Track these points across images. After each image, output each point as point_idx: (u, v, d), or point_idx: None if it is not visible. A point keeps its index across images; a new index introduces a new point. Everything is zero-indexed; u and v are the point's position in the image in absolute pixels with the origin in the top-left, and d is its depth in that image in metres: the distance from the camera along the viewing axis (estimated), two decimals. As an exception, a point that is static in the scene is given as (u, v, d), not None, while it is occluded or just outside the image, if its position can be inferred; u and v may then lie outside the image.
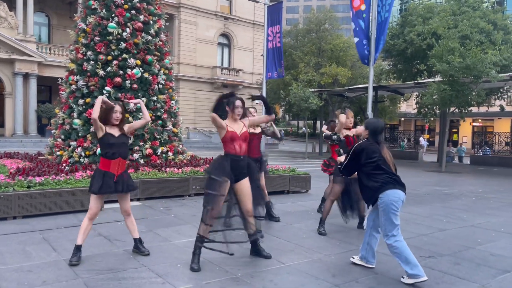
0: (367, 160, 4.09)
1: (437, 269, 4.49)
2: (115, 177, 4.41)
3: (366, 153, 4.10)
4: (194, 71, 33.20)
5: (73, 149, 8.91)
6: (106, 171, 4.39)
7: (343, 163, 4.33)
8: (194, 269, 4.16)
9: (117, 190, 4.45)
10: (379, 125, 4.24)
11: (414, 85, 20.36)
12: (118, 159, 4.44)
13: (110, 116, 4.44)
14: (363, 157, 4.11)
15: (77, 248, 4.32)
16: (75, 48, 9.54)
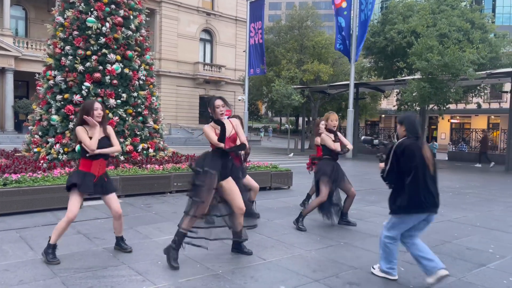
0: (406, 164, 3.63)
1: (415, 263, 4.56)
2: (96, 178, 4.32)
3: (407, 155, 3.62)
4: (176, 67, 32.95)
5: (51, 146, 8.74)
6: (86, 172, 4.29)
7: (385, 169, 3.77)
8: (174, 267, 4.10)
9: (97, 191, 4.36)
10: (415, 117, 3.84)
11: (394, 82, 20.66)
12: (100, 160, 4.36)
13: (91, 115, 4.33)
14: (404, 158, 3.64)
15: (52, 247, 4.23)
16: (53, 42, 9.34)
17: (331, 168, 5.85)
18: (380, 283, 3.95)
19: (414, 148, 3.63)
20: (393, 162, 3.67)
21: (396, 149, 3.67)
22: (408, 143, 3.66)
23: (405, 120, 3.76)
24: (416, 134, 3.70)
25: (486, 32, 21.15)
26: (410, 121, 3.75)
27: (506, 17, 60.65)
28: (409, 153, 3.62)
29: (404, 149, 3.62)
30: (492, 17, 26.50)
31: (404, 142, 3.68)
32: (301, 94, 24.04)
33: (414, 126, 3.72)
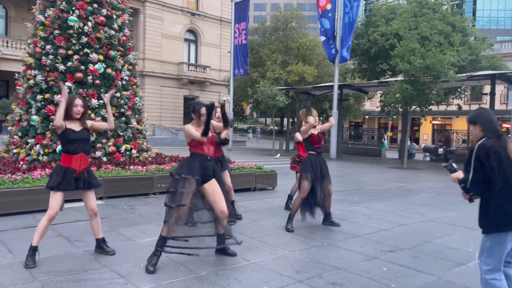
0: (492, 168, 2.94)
1: (397, 263, 4.63)
2: (77, 172, 4.24)
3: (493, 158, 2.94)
4: (160, 67, 32.70)
5: (31, 147, 8.57)
6: (67, 167, 4.22)
7: (469, 178, 3.05)
8: (150, 270, 4.02)
9: (78, 187, 4.28)
10: (490, 113, 3.18)
11: (377, 84, 20.90)
12: (80, 155, 4.28)
13: (71, 110, 4.26)
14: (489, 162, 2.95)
15: (33, 249, 4.15)
16: (33, 41, 9.17)
17: (313, 164, 5.91)
18: (362, 283, 3.98)
19: (499, 149, 2.99)
20: (477, 169, 3.01)
21: (478, 153, 3.01)
22: (492, 144, 3.00)
23: (479, 118, 3.14)
24: (496, 132, 3.07)
25: (467, 35, 21.56)
26: (486, 118, 3.12)
27: (486, 20, 61.95)
28: (495, 155, 2.97)
29: (488, 152, 2.97)
30: (473, 21, 27.00)
31: (485, 143, 3.02)
32: (285, 95, 24.11)
33: (492, 123, 3.10)
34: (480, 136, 3.10)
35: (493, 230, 3.01)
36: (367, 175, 14.36)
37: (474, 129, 3.15)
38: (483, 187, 3.02)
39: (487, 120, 3.10)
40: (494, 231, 3.01)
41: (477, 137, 3.13)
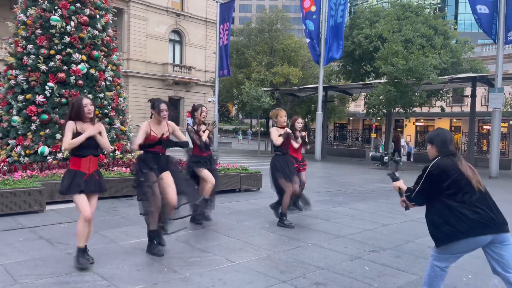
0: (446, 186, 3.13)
1: (379, 263, 4.69)
2: (87, 175, 4.17)
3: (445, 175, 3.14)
4: (145, 68, 32.47)
5: (12, 148, 8.43)
6: (77, 170, 4.15)
7: (415, 188, 3.31)
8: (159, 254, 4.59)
9: (88, 189, 4.17)
10: (446, 135, 3.35)
11: (361, 85, 21.13)
12: (89, 157, 4.20)
13: (82, 112, 4.17)
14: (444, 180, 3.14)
15: (82, 251, 4.14)
16: (14, 41, 9.01)
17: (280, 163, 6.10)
18: (345, 283, 4.02)
19: (452, 168, 3.17)
20: (424, 184, 3.24)
21: (431, 170, 3.21)
22: (445, 164, 3.20)
23: (435, 139, 3.34)
24: (449, 152, 3.26)
25: (449, 39, 21.96)
26: (441, 139, 3.31)
27: (467, 24, 63.17)
28: (448, 175, 3.15)
29: (440, 171, 3.17)
30: (454, 24, 27.55)
31: (440, 161, 3.22)
32: (271, 97, 24.18)
33: (445, 144, 3.28)
34: (435, 156, 3.30)
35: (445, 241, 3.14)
36: (351, 176, 14.50)
37: (431, 149, 3.34)
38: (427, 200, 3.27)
39: (442, 141, 3.29)
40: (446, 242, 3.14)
41: (432, 155, 3.33)
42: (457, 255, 3.20)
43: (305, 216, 7.07)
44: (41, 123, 8.46)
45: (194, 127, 6.02)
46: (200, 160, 5.99)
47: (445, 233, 3.09)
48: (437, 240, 3.19)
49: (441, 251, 3.21)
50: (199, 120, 6.01)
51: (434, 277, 3.26)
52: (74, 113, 4.18)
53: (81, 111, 4.16)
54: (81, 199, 4.11)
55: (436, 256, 3.26)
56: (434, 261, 3.28)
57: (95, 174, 4.27)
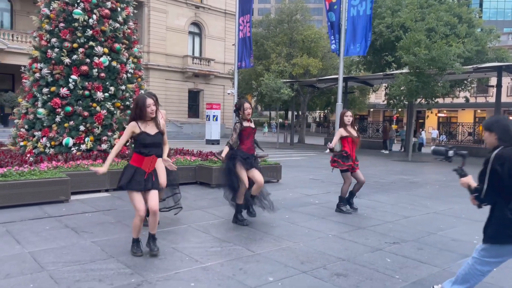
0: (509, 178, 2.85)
1: (401, 255, 4.65)
2: (146, 174, 4.24)
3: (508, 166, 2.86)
4: (165, 60, 32.67)
5: (38, 139, 8.64)
6: (137, 167, 4.22)
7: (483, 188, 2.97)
8: None
9: (147, 187, 4.26)
10: (507, 120, 3.08)
11: (382, 76, 20.78)
12: (152, 157, 4.28)
13: (144, 111, 4.19)
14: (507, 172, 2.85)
15: (136, 241, 4.34)
16: (39, 34, 9.20)
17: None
18: (366, 274, 4.01)
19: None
20: (492, 180, 2.93)
21: (493, 162, 2.93)
22: (509, 153, 2.92)
23: (495, 125, 3.06)
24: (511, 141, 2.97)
25: (473, 27, 21.33)
26: (502, 126, 3.04)
27: (493, 12, 61.30)
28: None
29: (504, 161, 2.89)
30: (479, 12, 26.69)
31: (503, 153, 2.94)
32: (290, 88, 24.04)
33: (508, 131, 2.99)
34: (495, 144, 3.01)
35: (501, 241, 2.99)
36: (372, 167, 14.34)
37: (489, 136, 3.06)
38: (497, 197, 2.97)
39: (503, 128, 3.01)
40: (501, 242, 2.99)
41: (491, 144, 3.04)
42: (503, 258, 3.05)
43: (326, 207, 7.05)
44: (65, 115, 8.64)
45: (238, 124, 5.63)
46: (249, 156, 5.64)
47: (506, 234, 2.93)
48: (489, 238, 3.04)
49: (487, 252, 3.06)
50: (244, 117, 5.63)
51: (471, 277, 3.15)
52: (138, 112, 4.21)
53: (144, 111, 4.19)
54: (138, 197, 4.21)
55: (479, 260, 3.09)
56: (476, 265, 3.11)
57: (153, 173, 4.33)
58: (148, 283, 3.61)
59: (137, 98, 4.36)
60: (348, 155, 6.50)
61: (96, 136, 8.77)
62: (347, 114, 6.58)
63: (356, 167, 6.59)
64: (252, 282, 3.70)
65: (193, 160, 9.27)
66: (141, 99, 4.26)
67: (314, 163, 14.87)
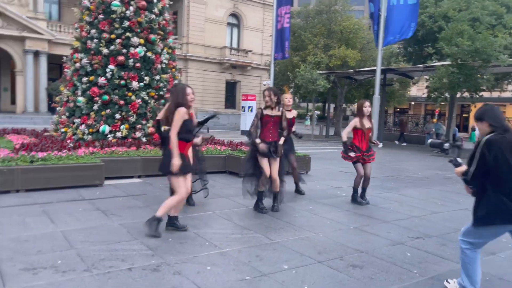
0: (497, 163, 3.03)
1: (422, 249, 4.58)
2: (187, 158, 4.59)
3: (496, 151, 3.03)
4: (203, 51, 33.10)
5: (77, 126, 9.08)
6: (181, 153, 4.48)
7: (471, 171, 3.17)
8: None
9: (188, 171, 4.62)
10: (495, 109, 3.28)
11: (422, 68, 20.09)
12: (191, 142, 4.68)
13: (185, 99, 4.50)
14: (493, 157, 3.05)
15: (157, 220, 4.52)
16: (80, 26, 9.62)
17: None
18: (383, 267, 3.99)
19: (505, 145, 3.06)
20: (479, 163, 3.10)
21: (483, 147, 3.09)
22: (497, 139, 3.07)
23: (486, 115, 3.22)
24: (502, 127, 3.14)
25: (524, 17, 20.18)
26: (492, 114, 3.21)
27: (549, 0, 57.41)
28: (500, 150, 3.04)
29: (492, 147, 3.06)
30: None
31: (492, 138, 3.09)
32: (326, 80, 23.74)
33: (498, 118, 3.18)
34: (488, 132, 3.19)
35: (488, 223, 3.17)
36: (407, 162, 14.00)
37: (482, 125, 3.24)
38: (484, 181, 3.11)
39: (493, 116, 3.20)
40: (488, 223, 3.18)
41: (484, 133, 3.21)
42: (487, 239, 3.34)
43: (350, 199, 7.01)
44: (102, 104, 9.01)
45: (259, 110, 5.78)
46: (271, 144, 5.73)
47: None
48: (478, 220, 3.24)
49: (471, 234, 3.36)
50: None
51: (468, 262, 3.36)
52: (181, 100, 4.47)
53: (185, 99, 4.48)
54: (182, 180, 4.50)
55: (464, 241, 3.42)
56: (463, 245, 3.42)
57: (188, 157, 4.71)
58: (167, 264, 3.77)
59: (178, 87, 4.66)
60: (357, 147, 6.43)
61: (131, 124, 9.11)
62: (366, 105, 6.47)
63: (367, 159, 6.49)
64: (266, 269, 3.78)
65: (223, 149, 9.44)
66: (182, 87, 4.60)
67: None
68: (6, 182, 6.23)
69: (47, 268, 3.57)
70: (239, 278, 3.56)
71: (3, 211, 5.28)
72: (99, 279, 3.39)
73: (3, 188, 6.21)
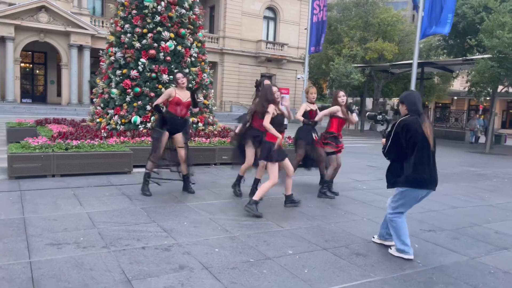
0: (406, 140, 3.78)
1: (431, 242, 4.59)
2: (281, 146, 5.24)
3: (407, 130, 3.77)
4: (239, 45, 33.38)
5: (111, 117, 9.56)
6: (272, 143, 5.14)
7: (386, 145, 3.94)
8: (147, 194, 5.88)
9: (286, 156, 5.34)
10: (415, 95, 3.98)
11: (461, 61, 19.39)
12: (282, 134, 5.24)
13: (274, 97, 5.15)
14: (404, 135, 3.78)
15: (255, 202, 5.13)
16: (115, 21, 10.09)
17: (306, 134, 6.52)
18: (386, 256, 4.06)
19: (415, 125, 3.77)
20: (393, 139, 3.83)
21: (397, 126, 3.82)
22: (409, 120, 3.80)
23: (406, 99, 3.92)
24: (417, 111, 3.84)
25: None
26: (410, 99, 3.91)
27: None
28: (410, 130, 3.76)
29: (404, 126, 3.78)
30: None
31: (405, 119, 3.83)
32: (361, 73, 23.37)
33: (414, 103, 3.86)
34: (405, 114, 3.90)
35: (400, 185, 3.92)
36: (441, 158, 13.60)
37: (402, 107, 3.94)
38: (398, 154, 3.87)
39: (410, 101, 3.89)
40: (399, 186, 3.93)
41: (403, 114, 3.92)
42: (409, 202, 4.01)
43: (371, 193, 7.03)
44: (134, 95, 9.44)
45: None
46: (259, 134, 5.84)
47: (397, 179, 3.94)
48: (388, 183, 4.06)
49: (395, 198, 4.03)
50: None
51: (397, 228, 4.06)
52: (269, 98, 5.15)
53: (274, 97, 5.13)
54: (276, 167, 5.17)
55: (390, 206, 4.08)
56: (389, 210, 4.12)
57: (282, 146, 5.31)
58: (178, 245, 4.02)
59: (266, 86, 5.36)
60: (335, 137, 6.50)
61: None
62: (340, 95, 6.42)
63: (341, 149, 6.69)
64: (271, 253, 3.95)
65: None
66: (269, 87, 5.29)
67: (378, 151, 14.46)
68: (44, 167, 6.74)
69: (70, 244, 3.91)
70: (243, 260, 3.76)
71: (40, 193, 5.74)
72: (114, 255, 3.69)
73: (41, 172, 6.73)
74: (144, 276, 3.30)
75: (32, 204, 5.19)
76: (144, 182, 6.03)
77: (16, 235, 4.07)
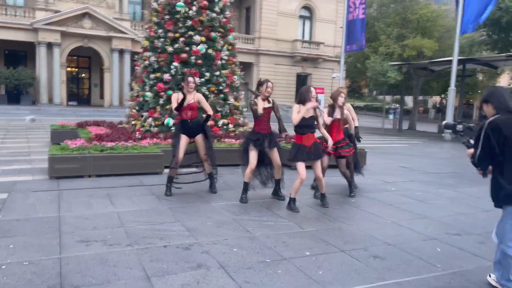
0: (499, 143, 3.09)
1: (456, 246, 4.49)
2: (307, 148, 5.46)
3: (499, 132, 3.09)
4: (275, 45, 33.48)
5: (145, 119, 9.92)
6: (300, 144, 5.48)
7: (476, 154, 3.25)
8: (167, 194, 6.12)
9: (309, 158, 5.52)
10: (502, 91, 3.32)
11: (505, 57, 18.54)
12: (307, 135, 5.49)
13: (309, 97, 5.38)
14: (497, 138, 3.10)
15: (293, 201, 5.59)
16: (149, 26, 10.46)
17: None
18: (404, 259, 4.02)
19: (509, 125, 3.11)
20: (483, 145, 3.16)
21: (486, 128, 3.15)
22: (501, 119, 3.13)
23: (491, 97, 3.27)
24: (508, 109, 3.17)
25: None
26: (497, 96, 3.25)
27: None
28: (503, 131, 3.09)
29: (495, 127, 3.11)
30: None
31: (495, 119, 3.15)
32: (398, 71, 22.81)
33: (503, 100, 3.20)
34: (493, 114, 3.24)
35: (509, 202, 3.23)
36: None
37: (487, 108, 3.31)
38: (492, 162, 3.20)
39: (498, 98, 3.24)
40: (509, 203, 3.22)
41: (490, 115, 3.26)
42: None
43: (399, 195, 6.93)
44: (167, 98, 9.75)
45: (254, 100, 5.86)
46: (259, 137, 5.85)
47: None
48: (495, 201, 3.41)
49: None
50: (263, 94, 5.82)
51: None
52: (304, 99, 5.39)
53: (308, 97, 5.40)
54: (301, 165, 5.47)
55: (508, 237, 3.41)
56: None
57: (313, 146, 5.51)
58: (198, 244, 4.18)
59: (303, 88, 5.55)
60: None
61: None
62: (342, 95, 6.28)
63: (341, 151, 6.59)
64: (288, 254, 4.02)
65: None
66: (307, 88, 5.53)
67: (414, 151, 14.17)
68: (80, 168, 7.12)
69: (98, 241, 4.16)
70: (260, 260, 3.85)
71: (75, 193, 6.09)
72: (137, 253, 3.89)
73: (78, 173, 7.11)
74: (163, 274, 3.47)
75: (67, 203, 5.52)
76: (166, 184, 6.31)
77: (50, 232, 4.37)
